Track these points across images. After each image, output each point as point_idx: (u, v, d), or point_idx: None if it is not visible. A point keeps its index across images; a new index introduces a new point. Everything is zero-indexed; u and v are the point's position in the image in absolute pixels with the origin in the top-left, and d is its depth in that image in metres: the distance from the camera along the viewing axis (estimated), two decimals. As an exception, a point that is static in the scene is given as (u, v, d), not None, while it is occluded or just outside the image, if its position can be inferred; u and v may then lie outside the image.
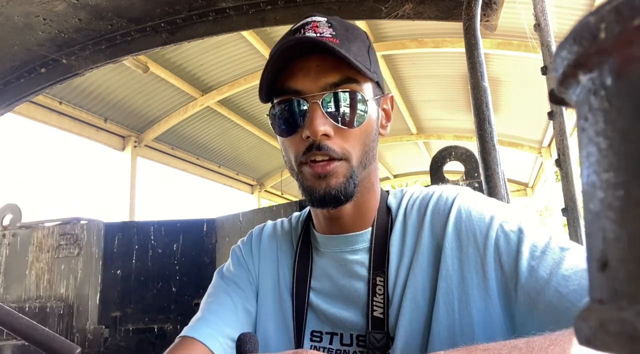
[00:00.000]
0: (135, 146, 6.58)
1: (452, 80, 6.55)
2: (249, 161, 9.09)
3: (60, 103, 5.47)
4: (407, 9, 1.44)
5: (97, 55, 1.60)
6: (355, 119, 0.70)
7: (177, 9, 1.51)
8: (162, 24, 1.55)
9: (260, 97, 0.75)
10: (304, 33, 0.70)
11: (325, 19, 0.73)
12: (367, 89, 0.73)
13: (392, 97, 0.83)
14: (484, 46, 1.55)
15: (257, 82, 0.73)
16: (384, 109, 0.80)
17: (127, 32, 1.56)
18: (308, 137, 0.69)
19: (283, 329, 0.80)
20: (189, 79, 6.02)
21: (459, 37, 2.22)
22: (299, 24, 0.74)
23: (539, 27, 1.35)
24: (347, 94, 0.70)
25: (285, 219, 0.92)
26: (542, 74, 1.37)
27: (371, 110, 0.73)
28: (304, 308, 0.79)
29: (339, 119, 0.69)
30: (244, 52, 5.61)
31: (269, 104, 0.76)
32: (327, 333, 0.77)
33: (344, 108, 0.69)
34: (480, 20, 1.39)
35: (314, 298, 0.79)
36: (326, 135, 0.69)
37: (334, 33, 0.70)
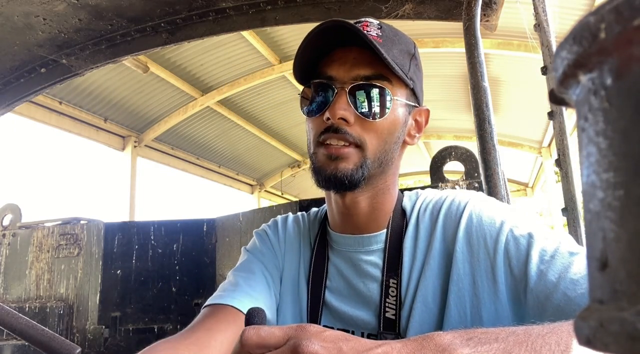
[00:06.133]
0: (135, 146, 6.58)
1: (452, 80, 6.55)
2: (249, 161, 9.08)
3: (60, 103, 5.46)
4: (407, 9, 1.44)
5: (97, 55, 1.60)
6: (375, 112, 0.72)
7: (177, 9, 1.51)
8: (162, 24, 1.55)
9: (295, 76, 0.79)
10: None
11: (378, 22, 0.77)
12: (398, 91, 0.75)
13: (427, 110, 0.84)
14: (484, 46, 1.55)
15: (257, 82, 0.75)
16: (416, 120, 0.82)
17: (127, 32, 1.56)
18: (328, 119, 0.72)
19: (298, 321, 0.81)
20: (189, 79, 6.01)
21: (459, 37, 2.22)
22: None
23: (539, 27, 1.35)
24: (373, 87, 0.72)
25: (305, 213, 0.93)
26: (542, 74, 1.37)
27: (397, 110, 0.75)
28: (318, 305, 0.80)
29: (360, 108, 0.72)
30: (244, 52, 5.61)
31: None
32: (338, 329, 0.78)
33: (368, 99, 0.72)
34: (480, 20, 1.39)
35: (328, 295, 0.81)
36: (345, 120, 0.71)
37: (380, 34, 0.74)
